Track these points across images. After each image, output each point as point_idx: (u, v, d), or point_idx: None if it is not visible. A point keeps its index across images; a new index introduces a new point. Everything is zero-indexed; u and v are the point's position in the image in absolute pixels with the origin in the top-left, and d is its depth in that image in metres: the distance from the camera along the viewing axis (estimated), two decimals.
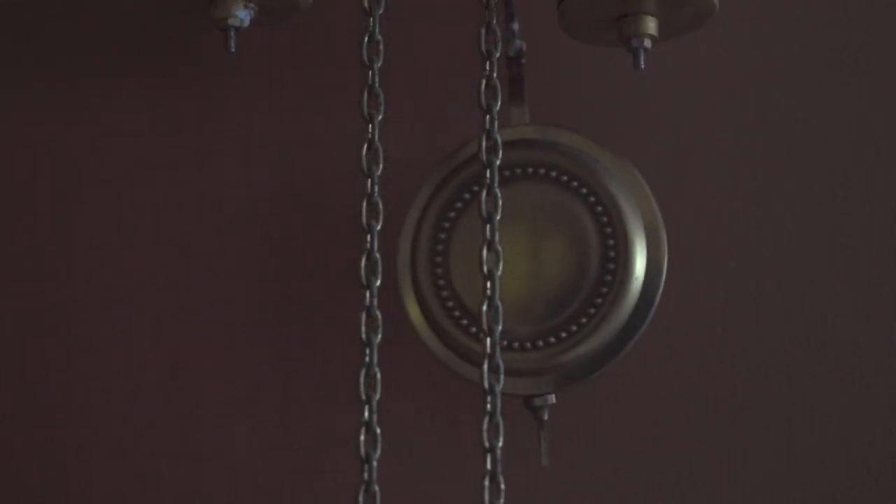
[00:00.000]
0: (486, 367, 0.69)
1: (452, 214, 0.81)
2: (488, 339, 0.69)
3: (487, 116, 0.72)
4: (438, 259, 0.81)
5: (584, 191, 0.80)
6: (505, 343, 0.76)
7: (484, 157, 0.72)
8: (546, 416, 0.79)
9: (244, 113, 0.92)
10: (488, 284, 0.70)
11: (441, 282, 0.81)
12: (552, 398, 0.79)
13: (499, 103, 0.73)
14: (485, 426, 0.68)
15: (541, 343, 0.79)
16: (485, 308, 0.70)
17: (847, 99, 0.86)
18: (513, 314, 0.77)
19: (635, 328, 0.79)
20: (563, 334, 0.79)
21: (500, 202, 0.71)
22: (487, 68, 0.73)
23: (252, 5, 0.76)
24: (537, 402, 0.79)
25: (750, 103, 0.87)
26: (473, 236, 0.73)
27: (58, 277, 0.91)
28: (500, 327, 0.70)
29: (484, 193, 0.71)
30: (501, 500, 0.67)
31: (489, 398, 0.68)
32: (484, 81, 0.73)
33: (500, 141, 0.72)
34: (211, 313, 0.89)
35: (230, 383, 0.88)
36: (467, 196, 0.81)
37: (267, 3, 0.77)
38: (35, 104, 0.93)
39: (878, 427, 0.83)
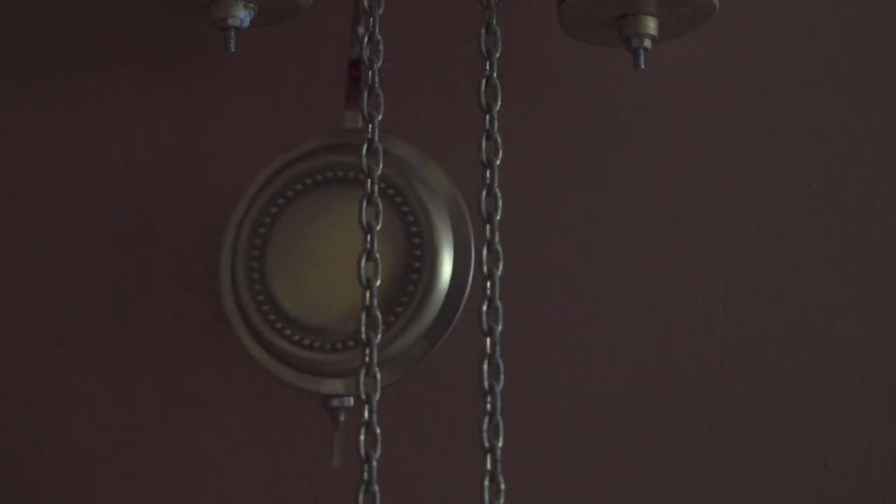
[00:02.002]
0: (485, 366, 0.69)
1: (274, 210, 0.82)
2: (488, 340, 0.69)
3: (487, 116, 0.72)
4: (255, 252, 0.81)
5: (399, 199, 0.80)
6: (329, 345, 0.79)
7: (484, 157, 0.72)
8: (342, 418, 0.80)
9: (244, 113, 0.92)
10: (488, 284, 0.70)
11: (257, 286, 0.81)
12: (350, 400, 0.80)
13: (499, 103, 0.73)
14: (485, 426, 0.68)
15: (351, 343, 0.79)
16: (485, 308, 0.70)
17: (847, 99, 0.86)
18: (338, 315, 0.78)
19: (437, 335, 0.79)
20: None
21: (500, 202, 0.71)
22: (487, 68, 0.73)
23: (252, 5, 0.76)
24: (335, 402, 0.80)
25: (750, 103, 0.87)
26: (294, 233, 0.73)
27: (55, 277, 0.91)
28: (500, 327, 0.70)
29: (484, 193, 0.71)
30: (501, 500, 0.67)
31: (489, 398, 0.68)
32: (484, 81, 0.73)
33: (499, 141, 0.72)
34: (210, 313, 0.89)
35: (229, 384, 0.88)
36: (290, 193, 0.81)
37: (267, 3, 0.77)
38: (34, 104, 0.93)
39: (878, 427, 0.83)
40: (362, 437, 0.68)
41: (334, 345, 0.80)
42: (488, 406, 0.68)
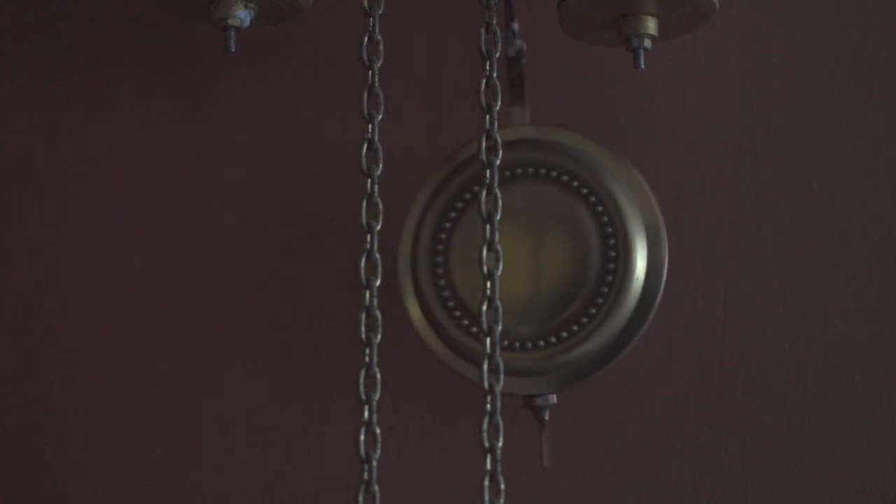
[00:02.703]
0: (485, 366, 0.69)
1: (453, 214, 0.81)
2: (488, 339, 0.69)
3: (487, 116, 0.72)
4: (439, 259, 0.81)
5: (585, 191, 0.80)
6: (506, 343, 0.76)
7: (484, 157, 0.72)
8: (547, 416, 0.80)
9: (244, 113, 0.92)
10: (488, 284, 0.70)
11: (442, 282, 0.81)
12: (553, 398, 0.79)
13: (499, 103, 0.73)
14: (485, 426, 0.68)
15: (542, 343, 0.79)
16: (484, 308, 0.70)
17: (847, 98, 0.86)
18: (514, 314, 0.77)
19: (636, 328, 0.79)
20: (564, 334, 0.79)
21: (501, 202, 0.71)
22: (487, 68, 0.73)
23: (252, 5, 0.76)
24: (538, 401, 0.79)
25: (750, 103, 0.87)
26: (474, 236, 0.73)
27: (54, 278, 0.91)
28: (499, 327, 0.70)
29: (484, 193, 0.71)
30: (501, 500, 0.67)
31: (489, 398, 0.68)
32: (484, 81, 0.73)
33: (500, 141, 0.72)
34: (210, 313, 0.89)
35: (230, 384, 0.88)
36: (468, 196, 0.81)
37: (267, 3, 0.77)
38: (34, 104, 0.93)
39: (878, 427, 0.83)
40: (362, 437, 0.68)
41: (524, 344, 0.79)
42: (488, 406, 0.68)
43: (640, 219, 0.80)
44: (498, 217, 0.71)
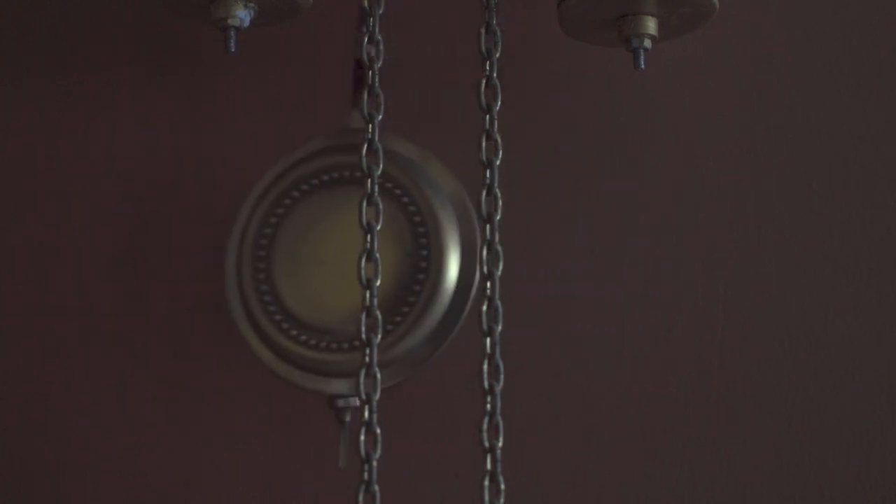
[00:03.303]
0: (485, 366, 0.69)
1: (281, 211, 0.81)
2: (488, 339, 0.69)
3: (487, 116, 0.72)
4: (262, 253, 0.81)
5: (406, 199, 0.80)
6: (335, 345, 0.79)
7: (484, 157, 0.72)
8: (348, 418, 0.80)
9: (244, 113, 0.92)
10: (488, 284, 0.70)
11: (263, 286, 0.81)
12: (355, 401, 0.80)
13: (499, 103, 0.73)
14: (485, 426, 0.68)
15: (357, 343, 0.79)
16: (485, 308, 0.70)
17: (847, 98, 0.86)
18: (343, 315, 0.78)
19: (448, 329, 0.79)
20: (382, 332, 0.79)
21: (500, 202, 0.71)
22: (487, 68, 0.73)
23: (252, 5, 0.76)
24: (340, 402, 0.80)
25: (750, 103, 0.87)
26: (301, 235, 0.73)
27: (54, 278, 0.91)
28: (499, 327, 0.70)
29: (484, 193, 0.71)
30: (501, 500, 0.67)
31: (489, 398, 0.68)
32: (484, 81, 0.73)
33: (499, 141, 0.72)
34: (210, 313, 0.89)
35: (230, 383, 0.88)
36: (297, 194, 0.81)
37: (267, 3, 0.77)
38: (34, 104, 0.93)
39: (878, 427, 0.83)
40: (362, 437, 0.68)
41: (340, 345, 0.80)
42: (488, 406, 0.68)
43: (456, 228, 0.80)
44: (498, 217, 0.71)
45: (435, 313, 0.79)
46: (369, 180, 0.72)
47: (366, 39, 0.74)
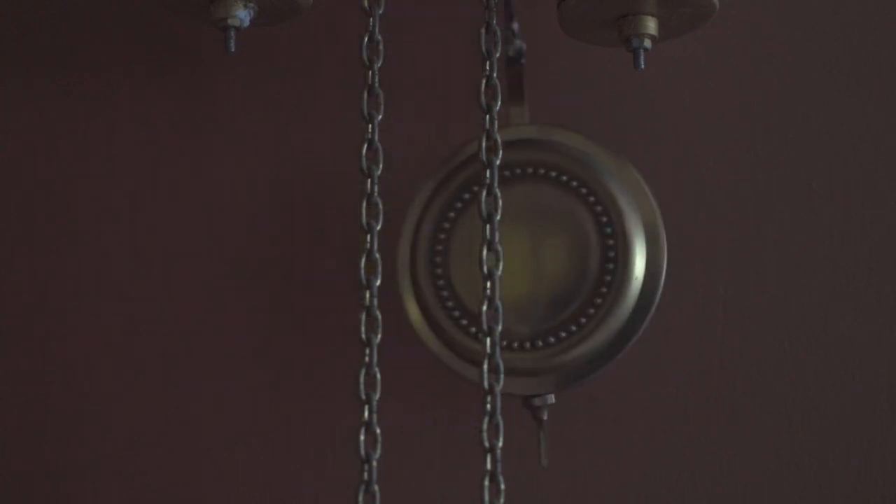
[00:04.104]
0: (485, 366, 0.69)
1: (452, 214, 0.81)
2: (488, 339, 0.69)
3: (487, 116, 0.72)
4: (438, 259, 0.81)
5: (584, 191, 0.80)
6: (505, 343, 0.76)
7: (484, 157, 0.72)
8: (545, 416, 0.80)
9: (244, 113, 0.92)
10: (488, 284, 0.70)
11: (441, 282, 0.81)
12: (552, 398, 0.79)
13: (499, 103, 0.73)
14: (485, 426, 0.68)
15: (540, 343, 0.79)
16: (484, 308, 0.70)
17: (847, 98, 0.86)
18: (513, 314, 0.77)
19: (635, 328, 0.79)
20: (563, 334, 0.79)
21: (500, 202, 0.71)
22: (487, 68, 0.73)
23: (252, 5, 0.76)
24: (537, 401, 0.79)
25: (750, 103, 0.87)
26: (473, 236, 0.73)
27: (54, 278, 0.91)
28: (499, 327, 0.70)
29: (484, 193, 0.71)
30: (501, 500, 0.67)
31: (489, 398, 0.68)
32: (484, 81, 0.73)
33: (499, 141, 0.72)
34: (210, 313, 0.89)
35: (230, 383, 0.88)
36: (467, 196, 0.81)
37: (267, 3, 0.77)
38: (33, 104, 0.93)
39: (878, 427, 0.83)
40: (362, 438, 0.68)
41: (523, 344, 0.79)
42: (488, 406, 0.68)
43: (639, 218, 0.80)
44: (498, 217, 0.71)
45: (625, 306, 0.79)
46: (369, 180, 0.72)
47: (515, 36, 0.74)
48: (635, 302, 0.79)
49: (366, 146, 0.73)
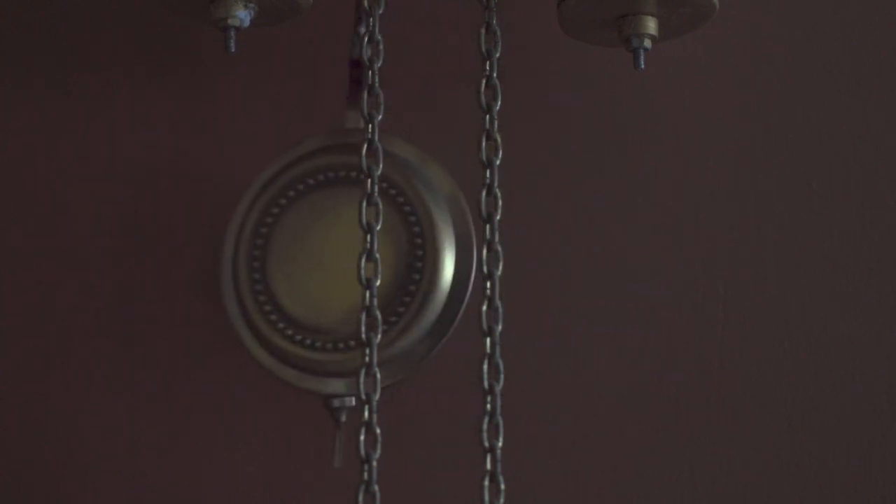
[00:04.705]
0: (485, 366, 0.69)
1: (276, 210, 0.81)
2: (488, 340, 0.69)
3: (487, 116, 0.72)
4: (257, 252, 0.81)
5: (401, 199, 0.80)
6: (330, 345, 0.78)
7: (484, 157, 0.72)
8: (343, 418, 0.80)
9: (244, 113, 0.92)
10: (488, 284, 0.70)
11: (258, 286, 0.81)
12: (351, 400, 0.80)
13: (499, 103, 0.73)
14: (485, 426, 0.68)
15: (353, 343, 0.79)
16: (484, 308, 0.70)
17: (847, 98, 0.86)
18: (339, 315, 0.78)
19: (443, 330, 0.79)
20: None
21: (500, 202, 0.71)
22: (487, 68, 0.73)
23: (252, 5, 0.76)
24: (335, 402, 0.80)
25: (750, 103, 0.87)
26: (296, 234, 0.73)
27: (54, 278, 0.91)
28: (500, 327, 0.70)
29: (484, 193, 0.71)
30: (501, 500, 0.67)
31: (489, 398, 0.68)
32: (484, 81, 0.73)
33: (499, 140, 0.72)
34: (210, 313, 0.89)
35: (229, 384, 0.88)
36: (292, 193, 0.81)
37: (267, 3, 0.77)
38: (33, 104, 0.93)
39: (878, 427, 0.83)
40: (362, 438, 0.68)
41: (336, 345, 0.80)
42: (488, 406, 0.68)
43: (451, 228, 0.80)
44: (498, 217, 0.71)
45: (431, 311, 0.79)
46: (369, 180, 0.72)
47: (365, 39, 0.74)
48: (443, 305, 0.79)
49: (366, 146, 0.73)
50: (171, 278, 0.90)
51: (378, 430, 0.69)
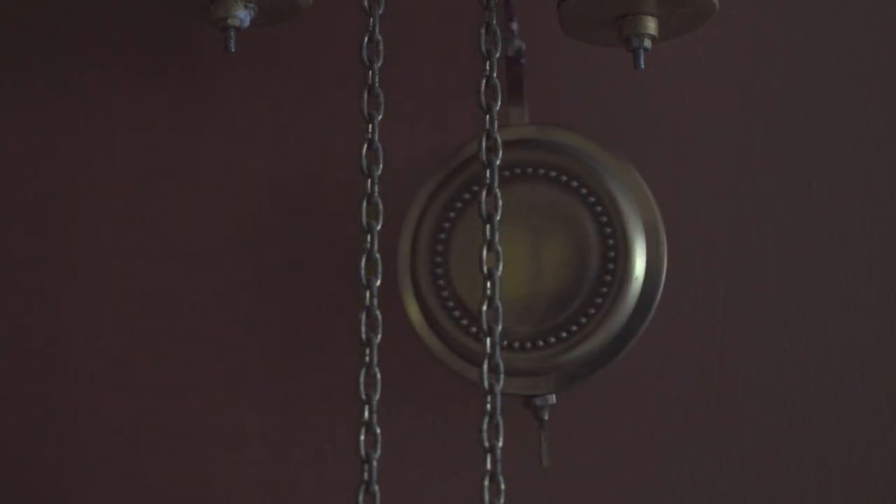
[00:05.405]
0: (485, 366, 0.69)
1: (452, 214, 0.81)
2: (488, 339, 0.69)
3: (487, 116, 0.72)
4: (438, 259, 0.81)
5: (584, 191, 0.80)
6: (505, 343, 0.76)
7: (484, 157, 0.72)
8: (546, 416, 0.80)
9: (244, 113, 0.92)
10: (488, 284, 0.70)
11: (441, 282, 0.81)
12: (553, 398, 0.79)
13: (499, 103, 0.73)
14: (485, 426, 0.68)
15: (541, 343, 0.79)
16: (484, 308, 0.70)
17: (847, 98, 0.86)
18: (513, 314, 0.77)
19: (635, 328, 0.79)
20: (564, 334, 0.79)
21: (500, 202, 0.71)
22: (487, 68, 0.73)
23: (252, 5, 0.76)
24: (538, 401, 0.79)
25: (750, 103, 0.87)
26: (474, 236, 0.73)
27: (54, 277, 0.91)
28: (500, 327, 0.70)
29: (484, 193, 0.71)
30: (501, 500, 0.67)
31: (489, 398, 0.68)
32: (484, 81, 0.73)
33: (499, 141, 0.72)
34: (210, 313, 0.89)
35: (230, 384, 0.88)
36: (467, 196, 0.81)
37: (267, 3, 0.77)
38: (33, 104, 0.93)
39: (878, 427, 0.83)
40: (362, 438, 0.68)
41: (523, 344, 0.79)
42: (488, 406, 0.68)
43: (639, 219, 0.80)
44: (498, 217, 0.71)
45: (626, 305, 0.79)
46: (369, 180, 0.72)
47: (515, 36, 0.74)
48: (636, 302, 0.79)
49: (366, 146, 0.73)
50: (170, 278, 0.90)
51: (378, 430, 0.69)
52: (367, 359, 0.70)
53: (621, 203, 0.80)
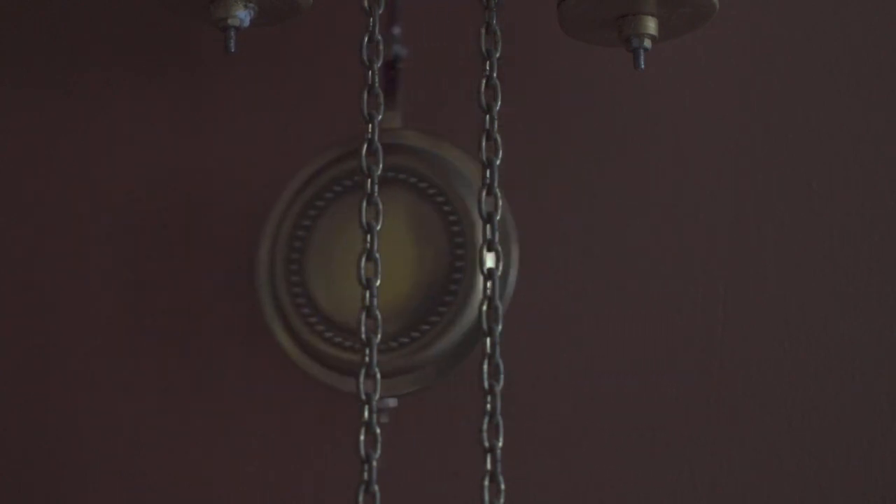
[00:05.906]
0: (485, 366, 0.69)
1: (313, 213, 0.81)
2: (488, 340, 0.69)
3: (487, 116, 0.72)
4: (295, 255, 0.81)
5: (440, 198, 0.80)
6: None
7: (484, 157, 0.72)
8: (385, 420, 0.80)
9: (244, 113, 0.92)
10: (488, 284, 0.70)
11: (296, 288, 0.81)
12: (391, 402, 0.80)
13: (499, 103, 0.73)
14: (485, 426, 0.68)
15: (406, 340, 0.79)
16: (484, 308, 0.70)
17: (847, 98, 0.86)
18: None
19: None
20: (416, 334, 0.79)
21: (500, 202, 0.71)
22: (487, 68, 0.73)
23: (252, 5, 0.76)
24: (378, 405, 0.80)
25: (750, 103, 0.87)
26: (332, 236, 0.73)
27: (54, 277, 0.91)
28: (499, 327, 0.70)
29: (484, 193, 0.71)
30: (501, 500, 0.67)
31: (489, 398, 0.68)
32: (484, 81, 0.73)
33: (499, 141, 0.72)
34: (210, 313, 0.89)
35: (230, 384, 0.88)
36: (329, 196, 0.81)
37: (267, 3, 0.77)
38: (33, 104, 0.93)
39: (878, 427, 0.83)
40: (362, 438, 0.68)
41: (388, 344, 0.79)
42: (488, 406, 0.68)
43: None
44: (498, 217, 0.71)
45: (471, 313, 0.79)
46: (369, 180, 0.72)
47: (394, 40, 0.75)
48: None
49: (366, 146, 0.73)
50: (170, 278, 0.90)
51: (378, 430, 0.69)
52: (367, 359, 0.70)
53: (471, 206, 0.80)
